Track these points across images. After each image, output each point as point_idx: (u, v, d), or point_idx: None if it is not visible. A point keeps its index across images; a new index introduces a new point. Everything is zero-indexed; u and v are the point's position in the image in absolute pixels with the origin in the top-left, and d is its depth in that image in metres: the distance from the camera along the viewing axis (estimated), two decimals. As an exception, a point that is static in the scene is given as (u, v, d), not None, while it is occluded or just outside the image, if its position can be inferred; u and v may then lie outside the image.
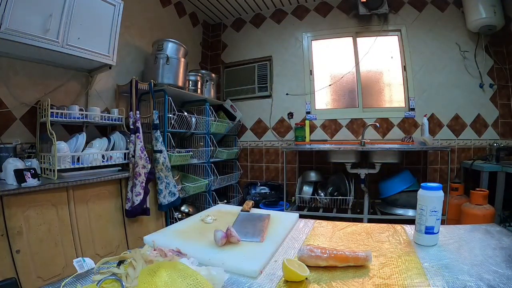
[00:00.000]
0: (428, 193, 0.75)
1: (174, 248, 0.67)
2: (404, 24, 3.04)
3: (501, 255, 0.67)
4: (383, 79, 3.23)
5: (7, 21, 1.48)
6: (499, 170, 2.35)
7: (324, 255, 0.62)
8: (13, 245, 1.39)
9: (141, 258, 0.59)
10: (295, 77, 3.40)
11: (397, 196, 2.62)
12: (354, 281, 0.57)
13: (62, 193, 1.63)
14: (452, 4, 2.90)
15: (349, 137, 3.19)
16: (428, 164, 2.97)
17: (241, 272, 0.61)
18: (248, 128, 3.62)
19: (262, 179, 3.53)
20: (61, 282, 0.56)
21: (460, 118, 2.92)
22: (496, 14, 2.57)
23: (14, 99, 1.83)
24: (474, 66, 2.83)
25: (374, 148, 2.64)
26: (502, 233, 0.83)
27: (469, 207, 2.26)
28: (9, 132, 1.81)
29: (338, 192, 2.79)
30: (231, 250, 0.70)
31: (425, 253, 0.70)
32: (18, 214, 1.42)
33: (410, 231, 0.85)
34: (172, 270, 0.53)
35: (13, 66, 1.82)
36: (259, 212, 1.00)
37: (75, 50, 1.82)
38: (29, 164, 1.63)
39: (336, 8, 3.27)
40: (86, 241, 1.74)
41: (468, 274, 0.58)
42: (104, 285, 0.53)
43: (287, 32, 3.45)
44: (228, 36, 3.77)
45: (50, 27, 1.66)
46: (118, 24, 2.05)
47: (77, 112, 1.96)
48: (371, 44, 3.16)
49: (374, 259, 0.65)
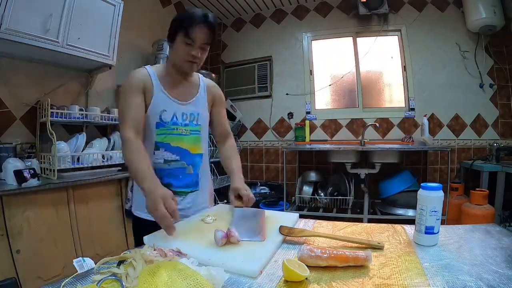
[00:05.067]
0: (428, 193, 0.75)
1: (174, 248, 0.67)
2: (404, 24, 3.04)
3: (501, 255, 0.67)
4: (383, 79, 3.23)
5: (7, 21, 1.48)
6: (499, 170, 2.35)
7: (324, 255, 0.62)
8: (13, 245, 1.39)
9: (141, 258, 0.59)
10: (295, 77, 3.40)
11: (397, 196, 2.63)
12: (354, 281, 0.57)
13: (62, 193, 1.63)
14: (452, 4, 2.90)
15: (349, 137, 3.19)
16: (428, 164, 2.97)
17: (241, 272, 0.61)
18: (248, 128, 3.62)
19: (262, 179, 3.53)
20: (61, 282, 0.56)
21: (460, 118, 2.92)
22: (496, 14, 2.57)
23: (14, 99, 1.83)
24: (474, 66, 2.82)
25: (374, 148, 2.64)
26: (502, 233, 0.83)
27: (469, 207, 2.26)
28: (9, 132, 1.81)
29: (338, 192, 2.79)
30: (231, 250, 0.70)
31: (425, 253, 0.70)
32: (18, 214, 1.42)
33: (410, 231, 0.85)
34: (172, 270, 0.53)
35: (13, 66, 1.82)
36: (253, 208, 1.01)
37: (75, 50, 1.82)
38: (29, 164, 1.63)
39: (336, 8, 3.27)
40: (86, 241, 1.74)
41: (468, 274, 0.58)
42: (104, 285, 0.52)
43: (287, 32, 3.45)
44: (228, 36, 3.77)
45: (50, 27, 1.66)
46: (118, 24, 2.05)
47: (77, 112, 1.96)
48: (371, 44, 3.16)
49: (374, 259, 0.65)
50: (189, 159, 1.09)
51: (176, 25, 0.99)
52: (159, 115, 1.03)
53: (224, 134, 1.26)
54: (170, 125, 1.05)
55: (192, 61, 1.02)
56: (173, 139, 1.05)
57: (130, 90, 0.99)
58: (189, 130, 1.09)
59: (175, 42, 1.01)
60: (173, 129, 1.05)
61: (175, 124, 1.05)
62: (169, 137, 1.05)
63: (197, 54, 1.01)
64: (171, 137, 1.05)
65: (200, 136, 1.13)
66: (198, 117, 1.12)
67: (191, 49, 0.99)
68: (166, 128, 1.04)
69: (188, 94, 1.11)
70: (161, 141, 1.04)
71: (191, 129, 1.09)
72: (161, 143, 1.04)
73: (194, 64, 1.04)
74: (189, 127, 1.09)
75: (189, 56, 1.00)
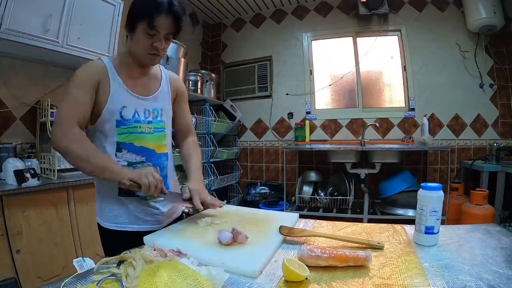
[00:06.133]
0: (428, 193, 0.76)
1: (174, 248, 0.67)
2: (404, 24, 3.04)
3: (501, 255, 0.67)
4: (383, 79, 3.23)
5: (7, 21, 1.48)
6: (499, 170, 2.35)
7: (324, 255, 0.62)
8: (13, 245, 1.39)
9: (141, 258, 0.59)
10: (295, 77, 3.40)
11: (397, 196, 2.63)
12: (354, 281, 0.57)
13: (62, 193, 1.63)
14: (452, 4, 2.90)
15: (349, 137, 3.19)
16: (428, 164, 2.97)
17: (241, 272, 0.61)
18: (248, 128, 3.62)
19: (262, 179, 3.53)
20: (61, 282, 0.56)
21: (460, 118, 2.92)
22: (496, 14, 2.57)
23: (14, 99, 1.83)
24: (474, 66, 2.82)
25: (374, 148, 2.64)
26: (502, 233, 0.83)
27: (469, 207, 2.26)
28: (9, 132, 1.81)
29: (338, 192, 2.79)
30: (231, 250, 0.70)
31: (425, 253, 0.70)
32: (18, 214, 1.42)
33: (410, 231, 0.85)
34: (172, 270, 0.53)
35: (13, 66, 1.82)
36: None
37: (75, 50, 1.82)
38: (29, 164, 1.63)
39: (336, 8, 3.27)
40: (86, 241, 1.74)
41: (468, 274, 0.58)
42: (104, 285, 0.53)
43: (287, 32, 3.45)
44: (228, 36, 3.77)
45: (50, 27, 1.66)
46: (118, 24, 2.05)
47: (77, 112, 1.95)
48: (371, 44, 3.16)
49: (374, 259, 0.65)
50: (155, 160, 0.99)
51: (136, 13, 0.87)
52: (119, 112, 0.92)
53: (186, 131, 1.18)
54: (132, 123, 0.94)
55: (155, 53, 0.91)
56: (136, 138, 0.95)
57: (80, 83, 0.88)
58: (153, 127, 0.99)
59: (135, 32, 0.88)
60: (136, 127, 0.95)
61: (137, 122, 0.95)
62: (132, 136, 0.94)
63: (161, 45, 0.90)
64: (134, 136, 0.95)
65: (164, 134, 1.03)
66: (161, 113, 1.02)
67: (154, 40, 0.88)
68: (128, 127, 0.94)
69: (150, 88, 1.00)
70: (123, 141, 0.94)
71: (154, 126, 0.99)
72: (123, 143, 0.94)
73: (157, 57, 0.93)
74: (153, 124, 0.99)
75: (151, 48, 0.89)
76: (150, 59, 0.93)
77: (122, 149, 0.94)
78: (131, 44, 0.92)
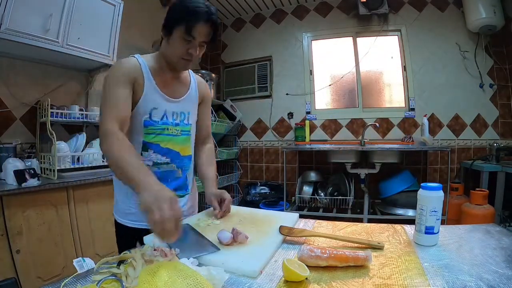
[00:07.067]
0: (428, 193, 0.75)
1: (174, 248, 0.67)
2: (404, 24, 3.04)
3: (501, 255, 0.67)
4: (383, 79, 3.23)
5: (7, 21, 1.48)
6: (499, 170, 2.35)
7: (324, 255, 0.62)
8: (13, 245, 1.39)
9: (141, 258, 0.59)
10: (295, 77, 3.40)
11: (397, 196, 2.62)
12: (354, 281, 0.57)
13: (62, 193, 1.63)
14: (452, 4, 2.90)
15: (349, 137, 3.19)
16: (428, 164, 2.97)
17: (241, 272, 0.61)
18: (248, 128, 3.62)
19: (262, 179, 3.53)
20: (61, 282, 0.56)
21: (460, 118, 2.92)
22: (496, 14, 2.57)
23: (14, 99, 1.83)
24: (474, 66, 2.82)
25: (374, 148, 2.64)
26: (502, 233, 0.83)
27: (469, 207, 2.26)
28: (9, 132, 1.81)
29: (338, 192, 2.79)
30: (231, 250, 0.70)
31: (425, 253, 0.70)
32: (18, 214, 1.42)
33: (410, 231, 0.85)
34: (172, 270, 0.53)
35: (13, 66, 1.82)
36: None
37: (75, 50, 1.82)
38: (29, 164, 1.63)
39: (336, 8, 3.27)
40: (86, 241, 1.74)
41: (468, 274, 0.58)
42: (104, 285, 0.53)
43: (287, 32, 3.45)
44: (228, 36, 3.77)
45: (50, 27, 1.66)
46: (118, 24, 2.05)
47: (77, 112, 1.96)
48: (371, 44, 3.16)
49: (374, 259, 0.65)
50: (179, 162, 1.01)
51: (174, 17, 0.88)
52: (149, 113, 0.93)
53: (205, 136, 1.19)
54: (160, 125, 0.95)
55: (188, 59, 0.92)
56: (163, 139, 0.96)
57: (118, 81, 0.87)
58: (180, 130, 1.00)
59: (172, 36, 0.89)
60: (163, 129, 0.96)
61: (165, 124, 0.96)
62: (159, 137, 0.95)
63: (195, 52, 0.90)
64: (161, 137, 0.96)
65: (190, 137, 1.05)
66: (188, 116, 1.04)
67: (190, 47, 0.89)
68: (156, 128, 0.95)
69: (179, 91, 1.02)
70: (150, 141, 0.95)
71: (181, 129, 1.01)
72: (150, 143, 0.95)
73: (190, 62, 0.94)
74: (180, 127, 1.00)
75: (186, 54, 0.90)
76: (182, 65, 0.94)
77: (149, 149, 0.95)
78: (166, 47, 0.93)
